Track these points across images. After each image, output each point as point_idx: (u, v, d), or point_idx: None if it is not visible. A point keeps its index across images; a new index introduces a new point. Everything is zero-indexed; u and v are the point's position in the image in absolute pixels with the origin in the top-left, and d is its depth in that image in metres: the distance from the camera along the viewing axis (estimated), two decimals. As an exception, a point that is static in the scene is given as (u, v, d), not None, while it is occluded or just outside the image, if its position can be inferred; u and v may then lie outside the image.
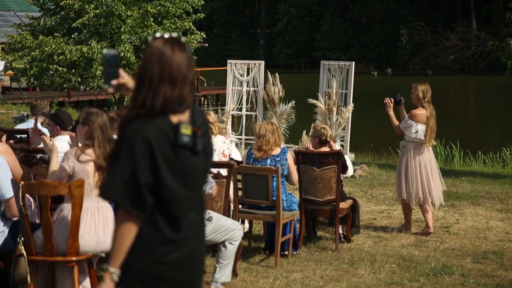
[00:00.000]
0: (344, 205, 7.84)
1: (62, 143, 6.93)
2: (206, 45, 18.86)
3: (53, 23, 17.18)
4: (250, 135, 15.59)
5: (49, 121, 7.25)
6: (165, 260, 2.82)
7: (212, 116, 8.52)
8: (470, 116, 34.75)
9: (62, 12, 17.00)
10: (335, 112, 13.73)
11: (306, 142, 8.30)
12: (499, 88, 39.03)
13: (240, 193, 7.28)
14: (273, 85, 14.21)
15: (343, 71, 14.15)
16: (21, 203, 4.85)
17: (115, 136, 6.80)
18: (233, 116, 14.86)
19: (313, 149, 7.98)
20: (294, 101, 14.13)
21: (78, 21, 16.17)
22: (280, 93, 14.22)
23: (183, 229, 2.85)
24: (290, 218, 7.27)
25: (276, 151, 7.18)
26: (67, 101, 29.91)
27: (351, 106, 13.64)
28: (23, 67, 16.50)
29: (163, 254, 2.82)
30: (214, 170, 6.37)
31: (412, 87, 8.40)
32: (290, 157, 7.23)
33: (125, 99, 24.50)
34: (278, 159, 7.14)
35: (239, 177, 7.21)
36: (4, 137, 6.12)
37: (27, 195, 4.98)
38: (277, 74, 14.27)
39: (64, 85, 16.81)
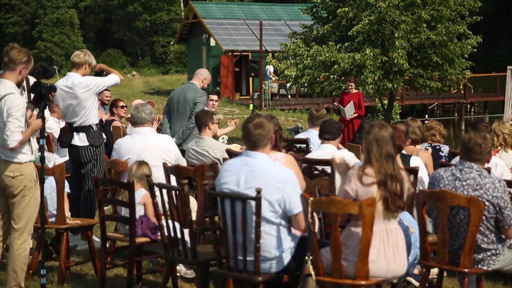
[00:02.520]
0: None
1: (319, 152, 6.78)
2: (475, 50, 17.75)
3: (325, 32, 17.26)
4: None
5: None
6: None
7: (506, 126, 7.75)
8: None
9: (334, 20, 17.03)
10: None
11: None
12: None
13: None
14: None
15: None
16: (310, 220, 4.61)
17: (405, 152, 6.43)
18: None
19: None
20: None
21: (353, 29, 16.05)
22: None
23: None
24: None
25: None
26: (331, 107, 30.23)
27: None
28: (294, 75, 16.77)
29: None
30: (513, 191, 5.68)
31: None
32: None
33: (396, 107, 24.01)
34: None
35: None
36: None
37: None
38: None
39: (334, 93, 16.80)
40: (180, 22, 43.60)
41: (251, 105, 22.38)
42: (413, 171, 6.02)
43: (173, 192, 5.30)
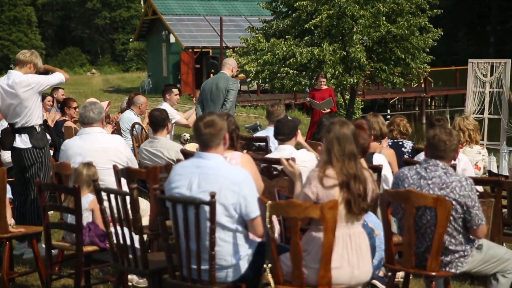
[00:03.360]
0: None
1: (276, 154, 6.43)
2: (435, 44, 17.64)
3: (285, 26, 16.98)
4: (494, 140, 14.22)
5: None
6: None
7: (470, 121, 7.52)
8: None
9: (294, 14, 16.74)
10: None
11: None
12: None
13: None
14: (521, 85, 12.82)
15: None
16: (268, 226, 4.30)
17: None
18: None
19: None
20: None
21: (310, 23, 15.78)
22: (530, 95, 12.79)
23: None
24: None
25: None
26: (293, 103, 30.04)
27: None
28: (254, 70, 16.46)
29: None
30: (480, 188, 5.45)
31: None
32: None
33: (358, 101, 23.76)
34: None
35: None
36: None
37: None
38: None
39: (294, 88, 16.52)
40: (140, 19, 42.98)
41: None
42: (377, 169, 5.75)
43: (122, 197, 4.96)
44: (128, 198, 4.82)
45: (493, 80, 13.68)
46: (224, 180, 4.43)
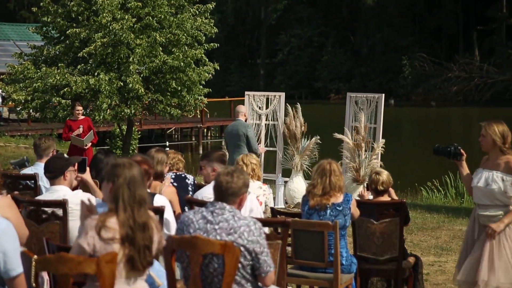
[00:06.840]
0: (406, 264, 6.68)
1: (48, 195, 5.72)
2: (211, 75, 17.73)
3: (57, 52, 16.03)
4: (269, 172, 14.43)
5: None
6: None
7: (253, 157, 7.42)
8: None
9: (67, 41, 15.85)
10: (363, 148, 12.66)
11: (361, 189, 7.15)
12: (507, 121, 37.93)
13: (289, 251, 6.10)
14: (294, 118, 13.11)
15: (371, 104, 13.12)
16: (33, 284, 3.66)
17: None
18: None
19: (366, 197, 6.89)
20: (318, 136, 13.03)
21: (84, 51, 15.00)
22: (302, 128, 13.11)
23: None
24: (348, 283, 6.09)
25: (338, 198, 6.01)
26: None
27: (382, 141, 12.58)
28: (23, 99, 15.32)
29: None
30: (267, 230, 5.20)
31: (484, 128, 6.02)
32: (354, 204, 6.10)
33: (134, 132, 23.18)
34: (340, 208, 5.97)
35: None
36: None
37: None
38: (299, 106, 13.18)
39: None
40: None
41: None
42: (159, 211, 5.29)
43: None
44: None
45: (269, 113, 13.89)
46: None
